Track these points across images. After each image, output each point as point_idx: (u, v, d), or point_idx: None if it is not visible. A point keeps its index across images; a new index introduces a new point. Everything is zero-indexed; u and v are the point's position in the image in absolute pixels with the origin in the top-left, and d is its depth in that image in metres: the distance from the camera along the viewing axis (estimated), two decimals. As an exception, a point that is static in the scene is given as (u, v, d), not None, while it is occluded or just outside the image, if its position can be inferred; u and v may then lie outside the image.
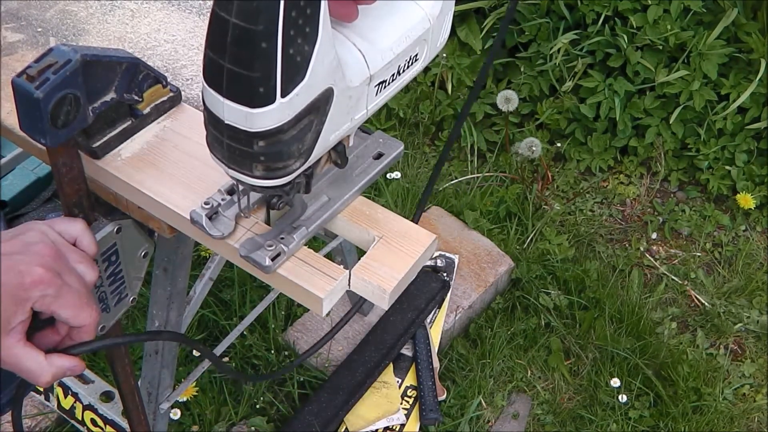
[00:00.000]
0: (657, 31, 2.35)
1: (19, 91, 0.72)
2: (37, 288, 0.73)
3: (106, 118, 0.85)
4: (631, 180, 2.55)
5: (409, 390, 1.91)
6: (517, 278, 2.20)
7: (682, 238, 2.43)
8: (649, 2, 2.35)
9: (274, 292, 1.68)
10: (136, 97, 0.85)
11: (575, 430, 1.96)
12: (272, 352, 1.95)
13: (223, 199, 0.83)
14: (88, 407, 1.54)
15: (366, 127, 0.92)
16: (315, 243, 1.91)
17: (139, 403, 1.23)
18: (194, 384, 1.82)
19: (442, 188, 2.42)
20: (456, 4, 1.26)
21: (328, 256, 1.38)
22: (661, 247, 2.40)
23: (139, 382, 1.26)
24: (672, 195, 2.54)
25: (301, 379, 1.91)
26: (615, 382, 2.02)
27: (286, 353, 1.96)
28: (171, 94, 0.91)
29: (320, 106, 0.69)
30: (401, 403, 1.88)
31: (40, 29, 1.03)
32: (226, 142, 0.69)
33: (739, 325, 2.19)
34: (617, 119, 2.45)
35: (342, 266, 0.79)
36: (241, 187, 0.81)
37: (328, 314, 1.99)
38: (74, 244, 0.81)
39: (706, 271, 2.34)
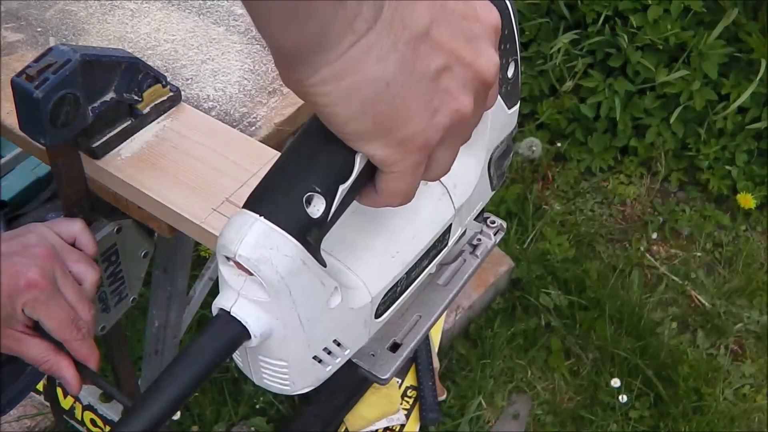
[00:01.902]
0: (657, 31, 2.34)
1: (18, 91, 0.72)
2: (30, 292, 0.73)
3: (105, 118, 0.84)
4: (631, 180, 2.55)
5: (409, 390, 1.91)
6: (517, 278, 2.20)
7: (682, 238, 2.43)
8: (650, 2, 2.35)
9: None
10: (135, 97, 0.85)
11: (575, 431, 1.96)
12: (272, 352, 1.95)
13: None
14: (88, 407, 1.54)
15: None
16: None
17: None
18: (194, 384, 1.82)
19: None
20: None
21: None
22: (661, 247, 2.40)
23: (138, 382, 1.26)
24: (672, 195, 2.54)
25: (301, 379, 1.91)
26: (615, 383, 2.02)
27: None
28: (171, 94, 0.91)
29: None
30: (401, 403, 1.88)
31: (39, 29, 1.02)
32: None
33: (740, 325, 2.19)
34: (617, 119, 2.44)
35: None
36: None
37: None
38: (73, 244, 0.81)
39: (707, 271, 2.34)
